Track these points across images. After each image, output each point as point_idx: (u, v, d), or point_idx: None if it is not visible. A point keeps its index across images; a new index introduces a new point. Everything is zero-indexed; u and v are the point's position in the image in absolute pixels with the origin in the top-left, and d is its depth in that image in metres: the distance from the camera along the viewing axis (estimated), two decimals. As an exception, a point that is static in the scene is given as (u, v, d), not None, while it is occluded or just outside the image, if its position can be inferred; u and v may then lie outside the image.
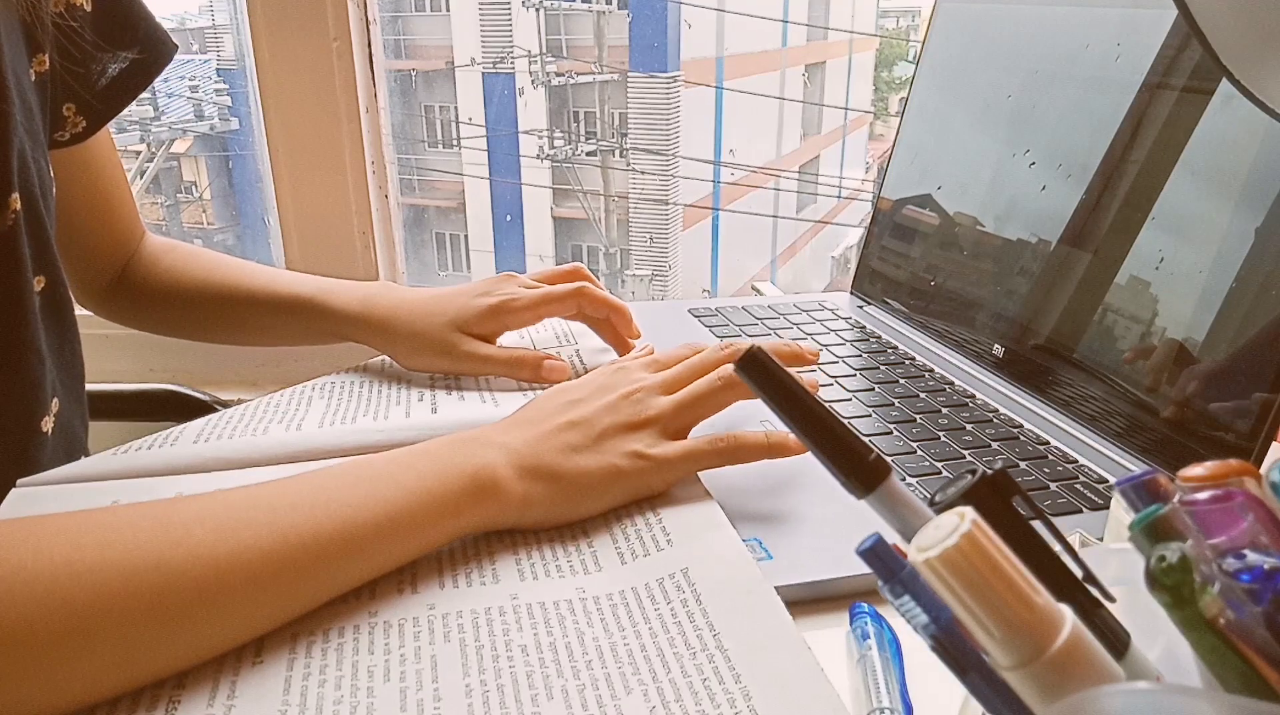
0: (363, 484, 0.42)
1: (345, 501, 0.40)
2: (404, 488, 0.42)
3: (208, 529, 0.37)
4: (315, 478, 0.42)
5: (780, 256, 4.28)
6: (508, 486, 0.44)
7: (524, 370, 0.62)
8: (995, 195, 0.71)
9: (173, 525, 0.37)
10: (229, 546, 0.37)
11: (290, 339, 0.71)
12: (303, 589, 0.38)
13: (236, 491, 0.40)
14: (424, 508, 0.42)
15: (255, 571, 0.37)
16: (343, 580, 0.40)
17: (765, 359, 0.32)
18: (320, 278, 0.69)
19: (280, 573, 0.37)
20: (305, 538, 0.38)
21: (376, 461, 0.44)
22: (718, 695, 0.34)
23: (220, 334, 0.75)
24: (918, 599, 0.20)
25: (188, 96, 1.83)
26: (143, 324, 0.76)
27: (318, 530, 0.39)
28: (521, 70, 3.18)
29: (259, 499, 0.40)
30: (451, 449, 0.45)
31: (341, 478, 0.42)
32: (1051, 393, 0.62)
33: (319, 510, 0.39)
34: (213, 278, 0.72)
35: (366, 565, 0.41)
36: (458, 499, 0.43)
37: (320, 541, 0.38)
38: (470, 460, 0.44)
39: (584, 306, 0.65)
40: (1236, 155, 0.53)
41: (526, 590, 0.41)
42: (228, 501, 0.39)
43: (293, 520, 0.38)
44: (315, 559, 0.38)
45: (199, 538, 0.36)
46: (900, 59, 4.08)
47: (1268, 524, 0.21)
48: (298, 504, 0.39)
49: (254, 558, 0.37)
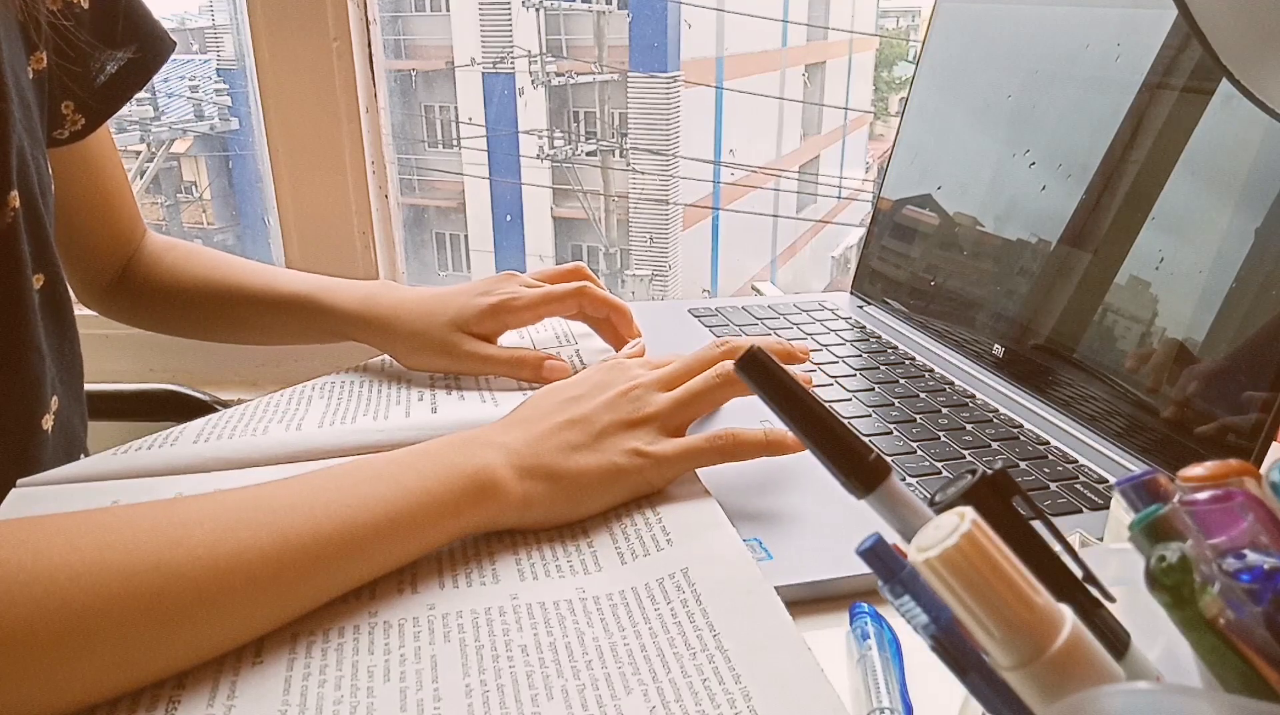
0: (363, 484, 0.42)
1: (345, 502, 0.40)
2: (404, 488, 0.42)
3: (207, 530, 0.37)
4: (315, 478, 0.42)
5: (780, 256, 4.28)
6: (508, 486, 0.44)
7: (525, 370, 0.62)
8: (995, 195, 0.71)
9: (172, 526, 0.37)
10: (228, 547, 0.36)
11: (290, 338, 0.71)
12: (302, 589, 0.38)
13: (236, 492, 0.40)
14: (424, 508, 0.42)
15: (255, 572, 0.37)
16: (342, 581, 0.40)
17: (765, 359, 0.32)
18: (320, 277, 0.69)
19: (280, 573, 0.37)
20: (305, 538, 0.38)
21: (377, 462, 0.44)
22: (718, 695, 0.34)
23: (221, 333, 0.75)
24: (918, 599, 0.20)
25: (188, 96, 1.83)
26: (144, 323, 0.76)
27: (317, 531, 0.39)
28: (521, 70, 3.18)
29: (259, 499, 0.40)
30: (451, 449, 0.45)
31: (342, 478, 0.42)
32: (1051, 393, 0.62)
33: (319, 511, 0.39)
34: (214, 276, 0.72)
35: (366, 566, 0.40)
36: (458, 499, 0.43)
37: (320, 542, 0.38)
38: (470, 460, 0.44)
39: (585, 306, 0.65)
40: (1236, 155, 0.53)
41: (526, 590, 0.41)
42: (227, 502, 0.39)
43: (292, 521, 0.38)
44: (315, 560, 0.38)
45: (198, 538, 0.36)
46: (900, 59, 4.08)
47: (1268, 524, 0.21)
48: (297, 504, 0.39)
49: (253, 558, 0.37)
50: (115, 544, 0.35)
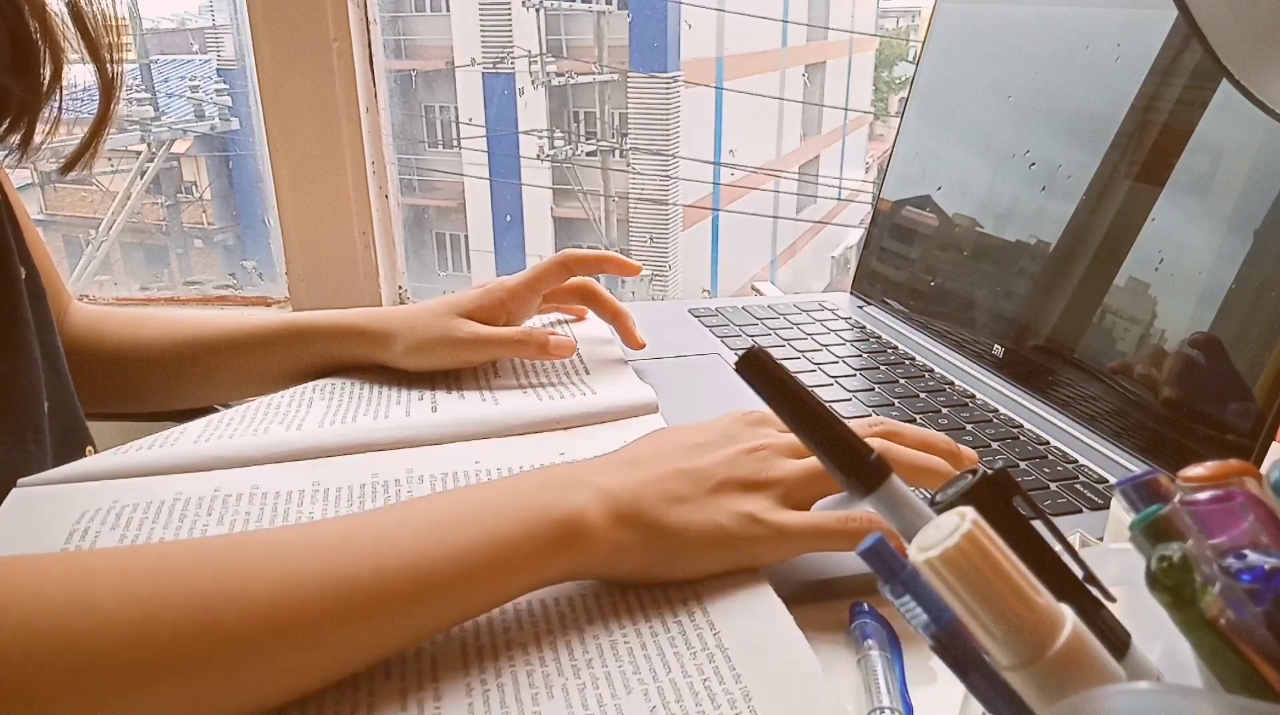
0: (439, 528, 0.38)
1: (416, 549, 0.36)
2: (483, 533, 0.37)
3: (269, 580, 0.34)
4: (383, 518, 0.39)
5: (780, 256, 4.28)
6: (598, 533, 0.39)
7: (530, 348, 0.62)
8: (995, 196, 0.71)
9: (231, 574, 0.34)
10: (291, 606, 0.33)
11: (269, 376, 0.64)
12: (364, 645, 0.35)
13: (298, 532, 0.37)
14: (503, 558, 0.37)
15: (315, 629, 0.34)
16: (408, 635, 0.36)
17: (766, 359, 0.32)
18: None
19: (340, 629, 0.34)
20: (370, 592, 0.35)
21: (455, 500, 0.40)
22: (718, 696, 0.34)
23: (191, 389, 0.67)
24: (919, 599, 0.20)
25: (188, 96, 1.83)
26: (91, 403, 0.64)
27: (383, 583, 0.35)
28: (521, 70, 3.18)
29: (320, 542, 0.36)
30: (540, 488, 0.41)
31: (415, 520, 0.38)
32: (1051, 393, 0.62)
33: (386, 559, 0.36)
34: (174, 328, 0.65)
35: (435, 618, 0.37)
36: (542, 548, 0.38)
37: (386, 595, 0.35)
38: (560, 503, 0.39)
39: (574, 268, 0.66)
40: (1236, 155, 0.53)
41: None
42: (288, 546, 0.36)
43: (359, 571, 0.35)
44: (379, 612, 0.35)
45: (259, 590, 0.33)
46: (900, 59, 4.08)
47: (1268, 524, 0.21)
48: (364, 552, 0.36)
49: (315, 616, 0.34)
50: (168, 596, 0.32)
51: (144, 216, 1.90)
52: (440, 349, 0.62)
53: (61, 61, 0.51)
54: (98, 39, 0.51)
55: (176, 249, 2.11)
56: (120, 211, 1.73)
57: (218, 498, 0.47)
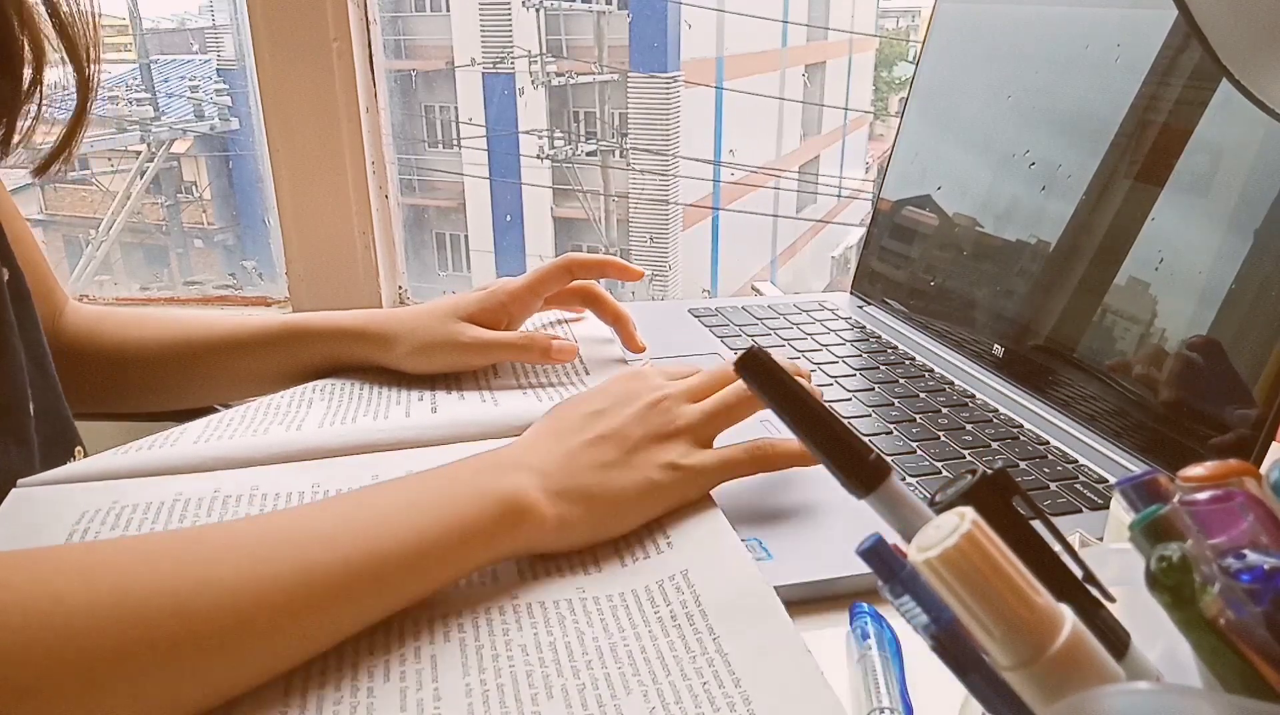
0: (392, 513, 0.40)
1: (373, 532, 0.38)
2: (435, 516, 0.40)
3: (229, 567, 0.35)
4: (341, 505, 0.41)
5: (780, 256, 4.28)
6: (542, 511, 0.42)
7: (533, 352, 0.62)
8: (995, 196, 0.71)
9: (194, 563, 0.35)
10: (252, 589, 0.35)
11: (269, 377, 0.64)
12: (327, 625, 0.37)
13: (259, 522, 0.39)
14: (455, 536, 0.40)
15: (278, 612, 0.35)
16: (369, 613, 0.38)
17: (766, 359, 0.32)
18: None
19: (303, 611, 0.36)
20: (331, 573, 0.36)
21: (405, 486, 0.42)
22: (717, 699, 0.34)
23: (190, 390, 0.67)
24: (918, 599, 0.20)
25: (188, 96, 1.83)
26: (89, 403, 0.65)
27: (346, 564, 0.37)
28: (521, 70, 3.18)
29: (281, 530, 0.38)
30: (479, 473, 0.43)
31: (369, 506, 0.40)
32: (1051, 393, 0.62)
33: (343, 542, 0.37)
34: (172, 329, 0.65)
35: (395, 597, 0.39)
36: (490, 526, 0.41)
37: (348, 575, 0.37)
38: (499, 484, 0.42)
39: (575, 271, 0.66)
40: (1236, 155, 0.53)
41: (526, 590, 0.41)
42: (249, 534, 0.38)
43: (319, 555, 0.37)
44: (340, 593, 0.37)
45: (220, 577, 0.35)
46: (900, 59, 4.08)
47: (1268, 524, 0.21)
48: (322, 535, 0.38)
49: (277, 599, 0.35)
50: (134, 586, 0.33)
51: (144, 216, 1.89)
52: (443, 352, 0.62)
53: (43, 60, 0.51)
54: (75, 38, 0.51)
55: (176, 249, 2.11)
56: (120, 211, 1.73)
57: (218, 498, 0.47)
